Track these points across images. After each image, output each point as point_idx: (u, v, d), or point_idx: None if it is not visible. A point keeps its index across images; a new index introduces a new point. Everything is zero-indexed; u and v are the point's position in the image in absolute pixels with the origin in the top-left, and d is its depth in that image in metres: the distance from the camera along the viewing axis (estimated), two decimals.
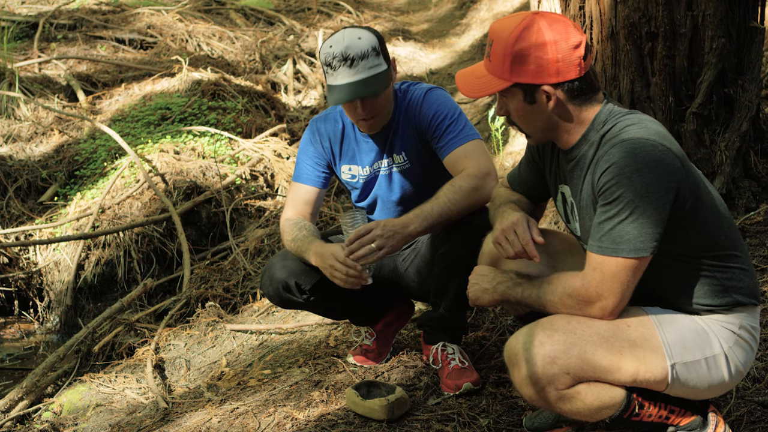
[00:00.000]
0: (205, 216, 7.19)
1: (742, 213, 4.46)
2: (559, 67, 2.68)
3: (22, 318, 7.26)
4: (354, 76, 3.49)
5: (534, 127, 2.84)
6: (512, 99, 2.80)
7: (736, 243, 2.76)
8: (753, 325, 2.77)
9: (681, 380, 2.69)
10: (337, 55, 3.48)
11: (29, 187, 7.95)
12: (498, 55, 2.74)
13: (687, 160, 2.69)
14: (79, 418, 4.71)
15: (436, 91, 3.74)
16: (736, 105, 4.47)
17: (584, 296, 2.67)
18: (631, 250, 2.58)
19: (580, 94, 2.74)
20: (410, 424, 3.52)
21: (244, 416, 3.82)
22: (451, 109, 3.66)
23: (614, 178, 2.58)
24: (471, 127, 3.66)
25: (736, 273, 2.73)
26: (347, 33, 3.53)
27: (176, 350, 5.20)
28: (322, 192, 3.93)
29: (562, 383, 2.66)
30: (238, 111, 8.67)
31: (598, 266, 2.64)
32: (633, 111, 2.78)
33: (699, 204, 2.65)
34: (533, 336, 2.69)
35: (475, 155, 3.60)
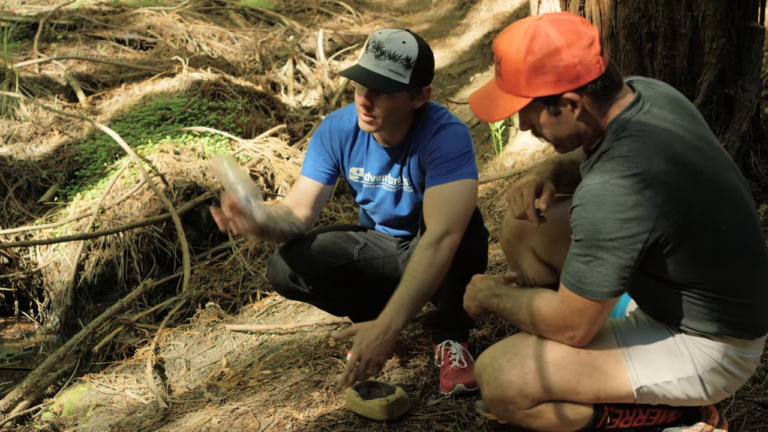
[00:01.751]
0: (205, 216, 7.19)
1: None
2: (578, 71, 2.51)
3: (22, 318, 7.26)
4: (373, 66, 3.47)
5: (561, 137, 2.68)
6: (534, 113, 2.63)
7: (741, 278, 2.62)
8: (744, 356, 2.67)
9: (651, 396, 2.68)
10: (375, 41, 3.47)
11: (29, 188, 7.95)
12: (510, 74, 2.58)
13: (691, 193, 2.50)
14: (79, 419, 4.71)
15: (452, 127, 3.62)
16: (736, 105, 4.47)
17: (552, 326, 2.65)
18: (594, 293, 2.53)
19: (604, 93, 2.58)
20: (410, 425, 3.52)
21: (244, 416, 3.82)
22: (456, 148, 3.55)
23: (579, 218, 2.51)
24: (467, 167, 3.54)
25: (732, 307, 2.61)
26: (401, 33, 3.49)
27: (176, 350, 5.20)
28: (325, 188, 3.87)
29: (523, 405, 2.67)
30: (238, 111, 8.67)
31: (566, 300, 2.60)
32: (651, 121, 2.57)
33: (685, 244, 2.52)
34: (495, 359, 2.71)
35: (448, 201, 3.49)
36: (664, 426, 2.85)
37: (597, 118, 2.61)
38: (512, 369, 2.65)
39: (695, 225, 2.52)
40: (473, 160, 3.59)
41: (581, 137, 2.67)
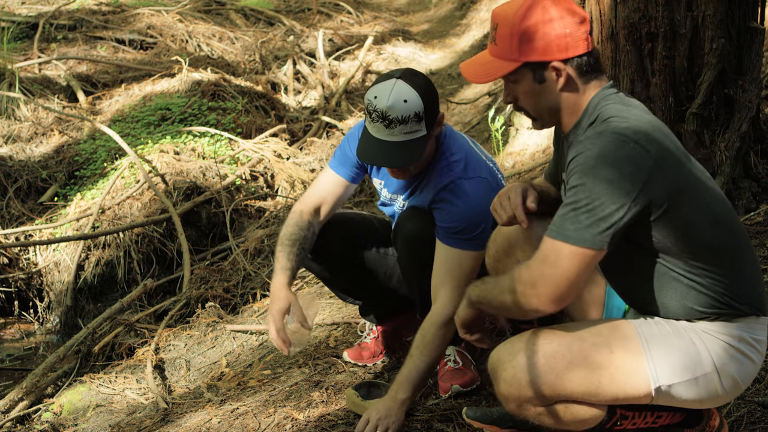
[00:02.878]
0: (205, 216, 7.19)
1: (742, 213, 4.46)
2: (567, 42, 2.64)
3: (22, 318, 7.26)
4: (388, 136, 3.39)
5: (542, 109, 2.76)
6: (521, 81, 2.72)
7: (736, 250, 2.66)
8: (756, 337, 2.67)
9: (667, 396, 2.66)
10: (378, 110, 3.36)
11: (29, 188, 7.95)
12: (505, 36, 2.69)
13: (677, 162, 2.59)
14: (79, 419, 4.71)
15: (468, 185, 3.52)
16: (736, 105, 4.47)
17: (525, 282, 2.58)
18: (578, 239, 2.49)
19: (588, 71, 2.69)
20: (410, 425, 3.52)
21: (244, 417, 3.82)
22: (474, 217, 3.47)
23: (578, 167, 2.53)
24: (480, 235, 3.46)
25: (733, 281, 2.63)
26: (396, 90, 3.35)
27: (176, 351, 5.20)
28: (350, 186, 3.84)
29: (539, 404, 2.65)
30: (238, 111, 8.68)
31: (545, 247, 2.56)
32: (628, 101, 2.70)
33: (679, 207, 2.56)
34: (513, 355, 2.66)
35: (458, 275, 3.47)
36: (668, 428, 2.85)
37: (579, 92, 2.71)
38: (531, 368, 2.62)
39: (686, 189, 2.58)
40: (487, 225, 3.45)
41: (560, 112, 2.76)
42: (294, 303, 3.60)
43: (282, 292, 3.62)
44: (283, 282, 3.64)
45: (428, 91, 3.42)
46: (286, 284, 3.64)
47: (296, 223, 3.75)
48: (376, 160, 3.48)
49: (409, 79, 3.39)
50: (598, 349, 2.62)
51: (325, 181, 3.82)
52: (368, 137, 3.46)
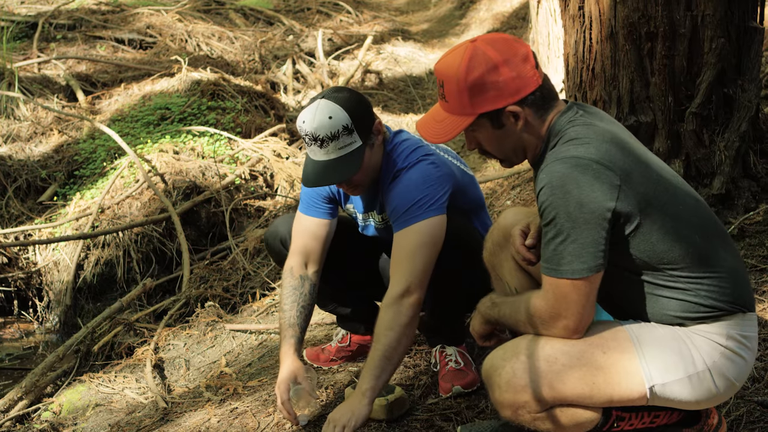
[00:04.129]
0: (205, 216, 7.19)
1: (741, 213, 4.46)
2: (518, 84, 2.65)
3: (21, 318, 7.26)
4: (324, 155, 3.41)
5: (507, 151, 2.80)
6: (480, 130, 2.75)
7: (715, 250, 2.67)
8: (744, 334, 2.68)
9: (662, 397, 2.65)
10: (308, 134, 3.39)
11: (28, 187, 7.95)
12: (453, 94, 2.69)
13: (642, 175, 2.61)
14: (79, 418, 4.71)
15: (407, 174, 3.52)
16: (735, 105, 4.47)
17: (544, 317, 2.64)
18: (574, 272, 2.54)
19: (543, 104, 2.71)
20: (410, 424, 3.52)
21: (244, 416, 3.82)
22: (410, 197, 3.44)
23: (547, 199, 2.55)
24: (425, 208, 3.43)
25: (714, 282, 2.64)
26: (320, 109, 3.38)
27: (176, 350, 5.20)
28: (331, 223, 3.80)
29: (534, 409, 2.65)
30: (238, 111, 8.67)
31: (550, 287, 2.60)
32: (590, 119, 2.71)
33: (652, 220, 2.58)
34: (507, 361, 2.67)
35: (409, 254, 3.42)
36: (666, 427, 2.85)
37: (538, 127, 2.73)
38: (526, 373, 2.63)
39: (654, 200, 2.60)
40: (434, 195, 3.44)
41: (526, 149, 2.79)
42: (300, 373, 3.59)
43: (290, 365, 3.62)
44: (289, 351, 3.66)
45: (354, 103, 3.43)
46: (293, 353, 3.65)
47: (290, 284, 3.76)
48: (318, 181, 3.47)
49: (331, 96, 3.42)
50: (592, 351, 2.63)
51: (304, 230, 3.79)
52: (309, 162, 3.48)
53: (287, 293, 3.74)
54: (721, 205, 4.48)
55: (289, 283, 3.75)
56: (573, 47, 4.73)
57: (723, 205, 4.49)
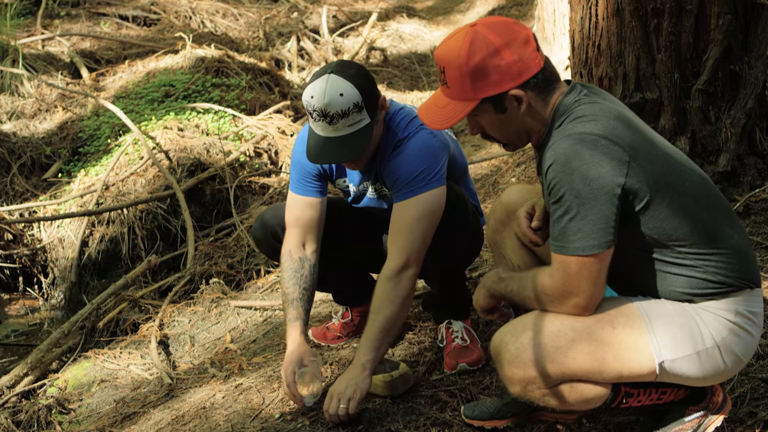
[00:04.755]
0: (209, 193, 7.19)
1: (747, 190, 4.45)
2: (519, 68, 2.64)
3: (26, 294, 7.28)
4: (333, 132, 3.37)
5: (510, 135, 2.80)
6: (483, 115, 2.74)
7: (722, 226, 2.67)
8: (752, 310, 2.69)
9: (671, 373, 2.66)
10: (317, 109, 3.33)
11: (33, 164, 7.96)
12: (455, 79, 2.68)
13: (649, 152, 2.61)
14: (84, 394, 4.73)
15: (409, 143, 3.50)
16: (741, 82, 4.45)
17: (554, 295, 2.64)
18: (586, 248, 2.53)
19: (545, 86, 2.70)
20: (414, 400, 3.53)
21: (248, 392, 3.83)
22: (413, 167, 3.44)
23: (557, 176, 2.54)
24: (426, 180, 3.43)
25: (722, 258, 2.64)
26: (330, 85, 3.33)
27: (180, 326, 5.21)
28: (322, 201, 3.77)
29: (543, 385, 2.65)
30: (242, 88, 8.66)
31: (560, 265, 2.60)
32: (595, 98, 2.71)
33: (660, 196, 2.58)
34: (516, 336, 2.67)
35: (407, 227, 3.42)
36: (672, 404, 2.85)
37: (541, 110, 2.72)
38: (536, 348, 2.63)
39: (662, 177, 2.59)
40: (435, 166, 3.45)
41: (529, 132, 2.78)
42: (306, 357, 3.58)
43: (294, 346, 3.60)
44: (295, 336, 3.64)
45: (363, 79, 3.40)
46: (299, 337, 3.64)
47: (290, 266, 3.73)
48: (328, 159, 3.45)
49: (341, 71, 3.37)
50: (601, 326, 2.63)
51: (297, 210, 3.75)
52: (315, 137, 3.44)
53: (288, 276, 3.73)
54: (727, 183, 4.47)
55: (289, 266, 3.73)
56: (579, 24, 4.71)
57: (729, 183, 4.48)
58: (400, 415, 3.43)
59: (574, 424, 3.21)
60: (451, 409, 3.45)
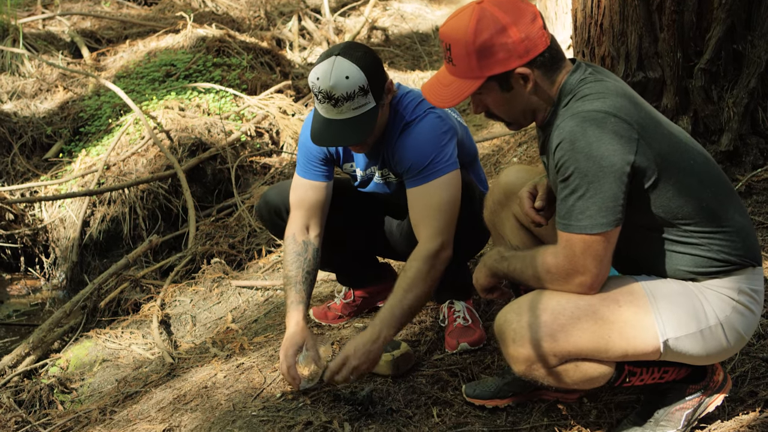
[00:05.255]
0: (210, 173, 7.18)
1: (749, 170, 4.44)
2: (527, 46, 2.61)
3: (28, 274, 7.28)
4: (337, 114, 3.34)
5: (515, 114, 2.78)
6: (488, 93, 2.72)
7: (725, 205, 2.67)
8: (754, 288, 2.70)
9: (675, 351, 2.66)
10: (322, 91, 3.30)
11: (34, 144, 7.95)
12: (461, 57, 2.66)
13: (655, 130, 2.61)
14: (86, 373, 4.74)
15: (417, 127, 3.48)
16: (744, 61, 4.43)
17: (559, 273, 2.63)
18: (594, 226, 2.52)
19: (552, 64, 2.68)
20: (415, 380, 3.53)
21: (250, 371, 3.83)
22: (426, 152, 3.41)
23: (566, 154, 2.53)
24: (443, 163, 3.41)
25: (725, 237, 2.65)
26: (336, 67, 3.29)
27: (182, 306, 5.21)
28: (328, 185, 3.74)
29: (549, 364, 2.64)
30: (243, 68, 8.63)
31: (567, 243, 2.59)
32: (600, 76, 2.69)
33: (667, 175, 2.58)
34: (520, 315, 2.67)
35: (436, 208, 3.40)
36: (674, 384, 2.86)
37: (547, 89, 2.71)
38: (542, 327, 2.62)
39: (668, 156, 2.59)
40: (448, 150, 3.44)
41: (534, 111, 2.76)
42: (309, 341, 3.56)
43: (296, 329, 3.59)
44: (297, 318, 3.62)
45: (370, 62, 3.36)
46: (301, 320, 3.62)
47: (293, 250, 3.72)
48: (331, 141, 3.43)
49: (348, 54, 3.33)
50: (606, 304, 2.63)
51: (303, 194, 3.73)
52: (319, 119, 3.42)
53: (291, 259, 3.71)
54: (729, 162, 4.46)
55: (292, 249, 3.72)
56: (581, 2, 4.69)
57: (731, 162, 4.47)
58: (402, 394, 3.44)
59: (575, 402, 3.22)
60: (452, 388, 3.45)
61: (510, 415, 3.24)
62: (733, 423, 2.93)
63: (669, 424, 2.87)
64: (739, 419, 2.95)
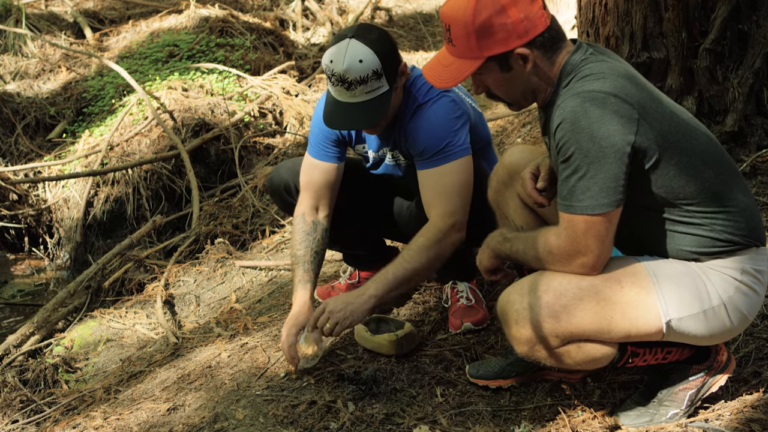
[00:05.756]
0: (214, 153, 7.18)
1: (754, 150, 4.43)
2: (526, 26, 2.61)
3: (32, 254, 7.30)
4: (350, 98, 3.33)
5: (515, 94, 2.78)
6: (488, 74, 2.72)
7: (728, 185, 2.67)
8: (758, 268, 2.69)
9: (678, 332, 2.66)
10: (335, 74, 3.28)
11: (37, 125, 7.95)
12: (461, 37, 2.65)
13: (657, 110, 2.60)
14: (90, 353, 4.76)
15: (430, 109, 3.46)
16: (749, 41, 4.41)
17: (561, 254, 2.63)
18: (595, 207, 2.52)
19: (551, 45, 2.68)
20: (419, 359, 3.54)
21: (254, 351, 3.84)
22: (439, 135, 3.40)
23: (566, 135, 2.53)
24: (457, 146, 3.40)
25: (729, 217, 2.65)
26: (350, 51, 3.27)
27: (186, 286, 5.22)
28: (339, 166, 3.74)
29: (551, 344, 2.65)
30: (247, 48, 8.62)
31: (568, 224, 2.59)
32: (601, 56, 2.69)
33: (669, 155, 2.57)
34: (523, 296, 2.67)
35: (450, 191, 3.39)
36: (677, 364, 2.86)
37: (547, 69, 2.70)
38: (544, 308, 2.62)
39: (670, 135, 2.59)
40: (461, 135, 3.43)
41: (535, 91, 2.76)
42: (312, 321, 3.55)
43: (301, 308, 3.59)
44: (304, 297, 3.62)
45: (384, 46, 3.33)
46: (307, 299, 3.62)
47: (302, 229, 3.72)
48: (343, 124, 3.42)
49: (362, 36, 3.31)
50: (609, 285, 2.63)
51: (314, 175, 3.73)
52: (332, 101, 3.41)
53: (300, 239, 3.72)
54: (734, 143, 4.44)
55: (301, 229, 3.73)
56: None
57: (735, 143, 4.45)
58: (405, 374, 3.44)
59: (579, 383, 3.22)
60: (455, 368, 3.46)
61: (513, 395, 3.25)
62: (737, 403, 2.94)
63: (672, 405, 2.88)
64: (742, 399, 2.96)
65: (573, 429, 2.94)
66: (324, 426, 3.10)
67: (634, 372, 3.17)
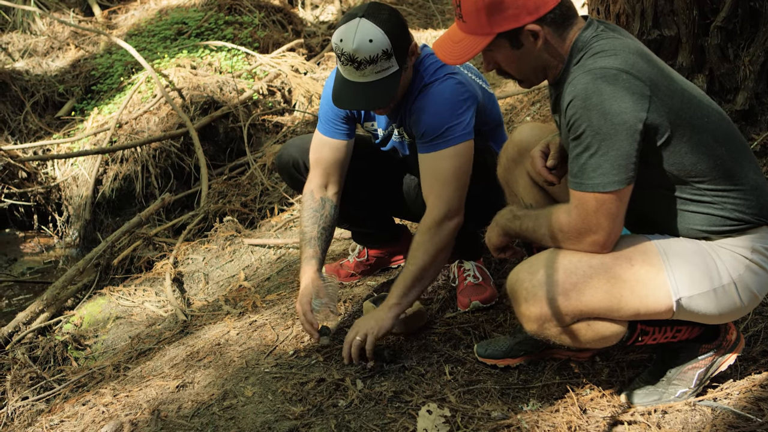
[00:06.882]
0: (223, 131, 7.18)
1: (764, 129, 4.40)
2: (536, 2, 2.59)
3: (41, 232, 7.32)
4: (360, 77, 3.31)
5: (527, 71, 2.75)
6: (498, 51, 2.69)
7: (739, 163, 2.65)
8: (767, 246, 2.69)
9: (687, 310, 2.65)
10: (345, 54, 3.26)
11: (46, 102, 7.95)
12: (471, 13, 2.63)
13: (668, 87, 2.58)
14: (100, 330, 4.77)
15: (435, 89, 3.43)
16: (761, 19, 4.38)
17: (572, 232, 2.61)
18: (606, 184, 2.50)
19: (563, 21, 2.65)
20: (428, 338, 3.54)
21: (262, 329, 3.85)
22: (442, 117, 3.37)
23: (577, 112, 2.51)
24: (458, 131, 3.37)
25: (740, 195, 2.63)
26: (360, 30, 3.25)
27: (195, 264, 5.23)
28: (349, 143, 3.73)
29: (561, 323, 2.64)
30: (255, 26, 8.60)
31: (579, 202, 2.57)
32: (613, 33, 2.67)
33: (681, 132, 2.55)
34: (533, 274, 2.66)
35: (445, 178, 3.38)
36: (687, 342, 2.85)
37: (558, 46, 2.68)
38: (554, 285, 2.61)
39: (681, 112, 2.56)
40: (464, 119, 3.40)
41: (546, 68, 2.73)
42: (321, 290, 3.56)
43: (310, 284, 3.58)
44: (311, 274, 3.62)
45: (394, 25, 3.31)
46: (315, 275, 3.62)
47: (310, 206, 3.72)
48: (353, 104, 3.41)
49: (372, 16, 3.28)
50: (619, 263, 2.62)
51: (323, 152, 3.72)
52: (341, 80, 3.39)
53: (308, 215, 3.72)
54: (744, 121, 4.42)
55: (309, 206, 3.72)
56: None
57: (746, 121, 4.43)
58: (414, 352, 3.45)
59: (587, 361, 3.22)
60: (464, 346, 3.46)
61: (522, 373, 3.25)
62: (746, 382, 2.93)
63: (681, 383, 2.88)
64: (751, 378, 2.95)
65: (581, 407, 2.94)
66: (332, 403, 3.11)
67: (643, 351, 3.17)
